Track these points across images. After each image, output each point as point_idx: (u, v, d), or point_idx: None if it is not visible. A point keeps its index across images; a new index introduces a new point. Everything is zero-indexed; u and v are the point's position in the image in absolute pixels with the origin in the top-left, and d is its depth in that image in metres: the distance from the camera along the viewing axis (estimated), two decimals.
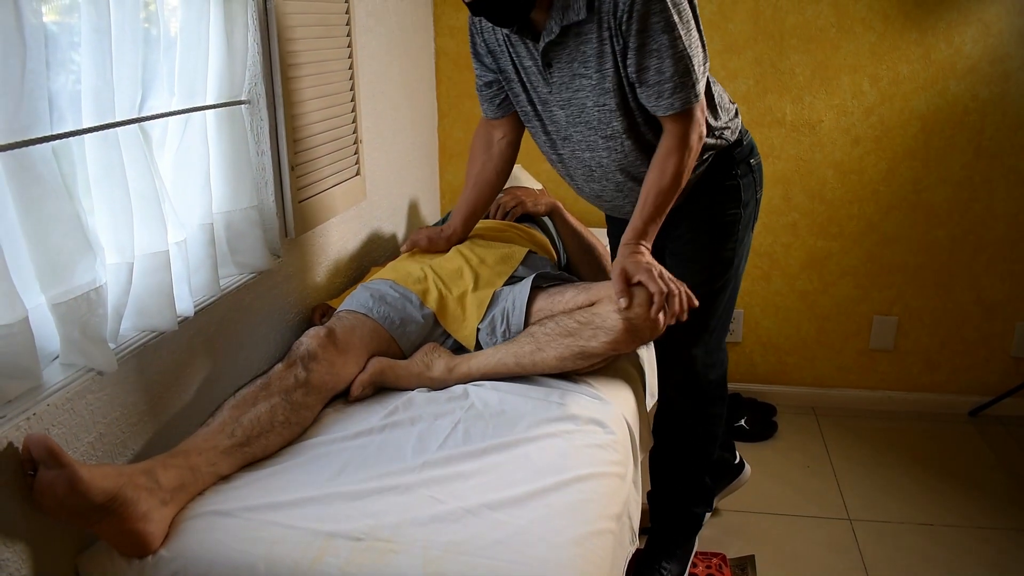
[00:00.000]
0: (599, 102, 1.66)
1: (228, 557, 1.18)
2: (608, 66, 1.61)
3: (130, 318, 1.39)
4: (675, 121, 1.62)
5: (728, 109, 1.81)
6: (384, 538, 1.20)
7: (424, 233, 2.05)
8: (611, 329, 1.57)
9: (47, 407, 1.16)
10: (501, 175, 2.01)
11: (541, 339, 1.65)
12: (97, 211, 1.31)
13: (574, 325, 1.62)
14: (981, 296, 2.85)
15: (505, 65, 1.77)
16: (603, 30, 1.57)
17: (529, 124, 1.86)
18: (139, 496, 1.17)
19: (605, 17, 1.55)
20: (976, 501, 2.43)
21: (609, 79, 1.62)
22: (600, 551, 1.23)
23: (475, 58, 1.84)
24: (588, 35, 1.59)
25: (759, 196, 1.89)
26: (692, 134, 1.63)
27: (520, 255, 1.94)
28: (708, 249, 1.84)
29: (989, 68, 2.61)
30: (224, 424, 1.38)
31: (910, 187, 2.77)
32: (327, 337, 1.59)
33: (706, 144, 1.75)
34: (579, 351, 1.61)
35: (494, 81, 1.85)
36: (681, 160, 1.63)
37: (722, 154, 1.81)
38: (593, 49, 1.60)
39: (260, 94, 1.69)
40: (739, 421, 2.81)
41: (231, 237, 1.67)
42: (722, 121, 1.77)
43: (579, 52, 1.62)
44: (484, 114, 1.95)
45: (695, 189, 1.81)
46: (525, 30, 1.65)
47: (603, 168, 1.77)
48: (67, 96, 1.25)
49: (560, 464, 1.39)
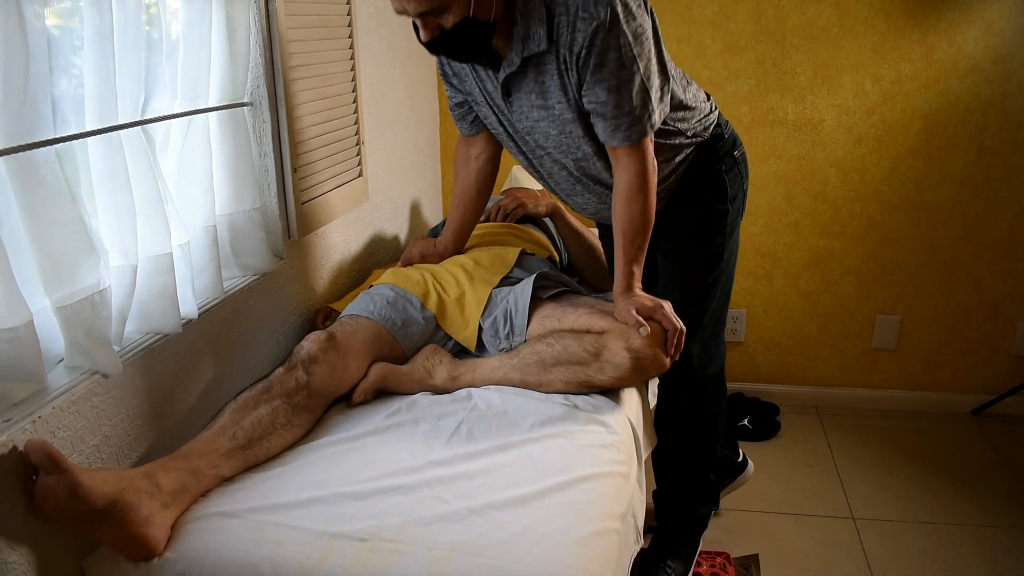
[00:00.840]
0: (564, 130, 1.66)
1: (233, 558, 1.18)
2: (570, 97, 1.59)
3: (134, 321, 1.40)
4: (628, 153, 1.61)
5: (701, 108, 1.79)
6: (388, 538, 1.20)
7: (417, 249, 2.05)
8: (619, 366, 1.58)
9: (52, 410, 1.16)
10: (483, 191, 2.01)
11: (548, 362, 1.64)
12: (101, 214, 1.31)
13: (583, 355, 1.61)
14: (984, 295, 2.84)
15: (471, 88, 1.76)
16: (560, 62, 1.55)
17: (503, 142, 1.85)
18: (140, 500, 1.17)
19: (563, 50, 1.53)
20: (979, 500, 2.43)
21: (571, 110, 1.61)
22: (605, 551, 1.23)
23: (444, 79, 1.83)
24: (547, 65, 1.57)
25: (746, 187, 1.89)
26: (647, 168, 1.62)
27: (514, 255, 1.94)
28: (698, 246, 1.84)
29: (991, 67, 2.61)
30: (225, 427, 1.39)
31: (912, 186, 2.77)
32: (328, 341, 1.59)
33: (680, 146, 1.75)
34: (585, 380, 1.62)
35: (463, 102, 1.84)
36: (645, 199, 1.64)
37: (705, 149, 1.80)
38: (554, 81, 1.58)
39: (262, 96, 1.70)
40: (742, 421, 2.81)
41: (234, 239, 1.67)
42: (693, 122, 1.76)
43: (538, 84, 1.60)
44: (459, 131, 1.95)
45: (681, 187, 1.82)
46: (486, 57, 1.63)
47: (582, 183, 1.78)
48: (70, 99, 1.25)
49: (564, 464, 1.39)
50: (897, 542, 2.25)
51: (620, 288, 1.67)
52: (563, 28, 1.50)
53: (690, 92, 1.77)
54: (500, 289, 1.83)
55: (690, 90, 1.78)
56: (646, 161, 1.62)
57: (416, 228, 2.71)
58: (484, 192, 2.01)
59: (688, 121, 1.75)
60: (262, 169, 1.75)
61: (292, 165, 1.78)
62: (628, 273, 1.67)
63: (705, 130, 1.80)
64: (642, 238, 1.66)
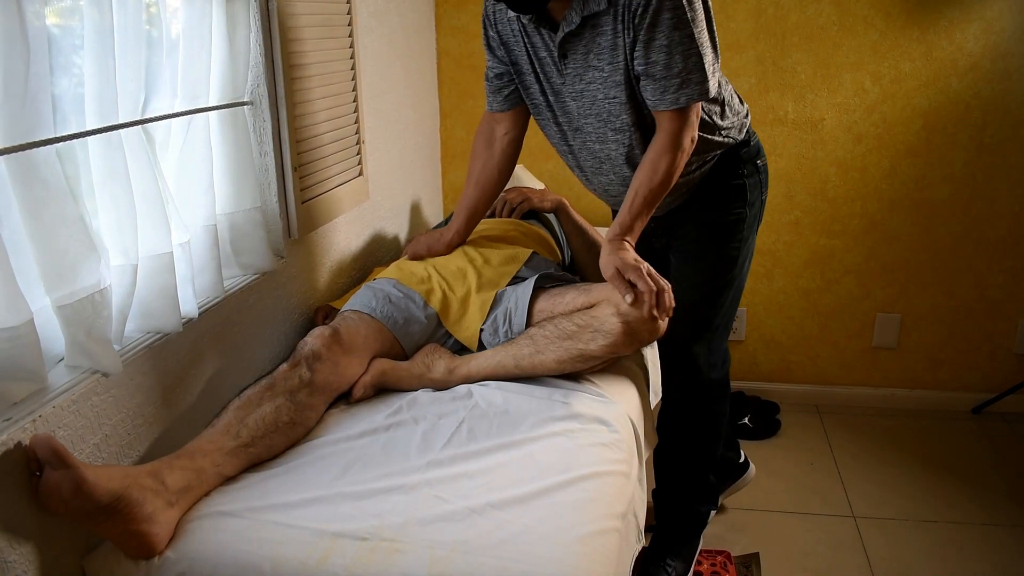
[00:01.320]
0: (609, 95, 1.66)
1: (233, 558, 1.18)
2: (620, 59, 1.61)
3: (135, 320, 1.40)
4: (672, 119, 1.62)
5: (738, 110, 1.81)
6: (389, 538, 1.20)
7: (424, 241, 2.04)
8: (610, 332, 1.58)
9: (53, 409, 1.16)
10: (504, 173, 2.00)
11: (540, 342, 1.65)
12: (101, 213, 1.31)
13: (573, 328, 1.61)
14: (984, 293, 2.84)
15: (518, 56, 1.76)
16: (618, 22, 1.57)
17: (540, 116, 1.85)
18: (145, 497, 1.17)
19: (621, 10, 1.55)
20: (980, 498, 2.43)
21: (620, 72, 1.62)
22: (606, 550, 1.23)
23: (487, 49, 1.83)
24: (604, 27, 1.59)
25: (764, 197, 1.89)
26: (685, 135, 1.63)
27: (524, 256, 1.93)
28: (713, 248, 1.84)
29: (991, 66, 2.60)
30: (229, 425, 1.39)
31: (912, 185, 2.77)
32: (331, 337, 1.59)
33: (710, 142, 1.75)
34: (578, 354, 1.61)
35: (504, 73, 1.84)
36: (673, 161, 1.63)
37: (729, 154, 1.81)
38: (608, 41, 1.60)
39: (263, 95, 1.70)
40: (743, 419, 2.81)
41: (235, 238, 1.67)
42: (729, 120, 1.77)
43: (594, 44, 1.62)
44: (488, 107, 1.94)
45: (701, 188, 1.81)
46: (543, 20, 1.65)
47: (611, 160, 1.78)
48: (70, 99, 1.26)
49: (565, 463, 1.39)
50: (898, 540, 2.25)
51: (612, 234, 1.65)
52: None
53: (729, 89, 1.79)
54: (505, 289, 1.83)
55: (728, 87, 1.79)
56: (685, 130, 1.62)
57: (416, 227, 2.71)
58: (504, 174, 2.00)
59: (727, 117, 1.76)
60: (262, 168, 1.75)
61: (292, 164, 1.78)
62: (627, 224, 1.65)
63: (740, 132, 1.80)
64: (654, 198, 1.65)
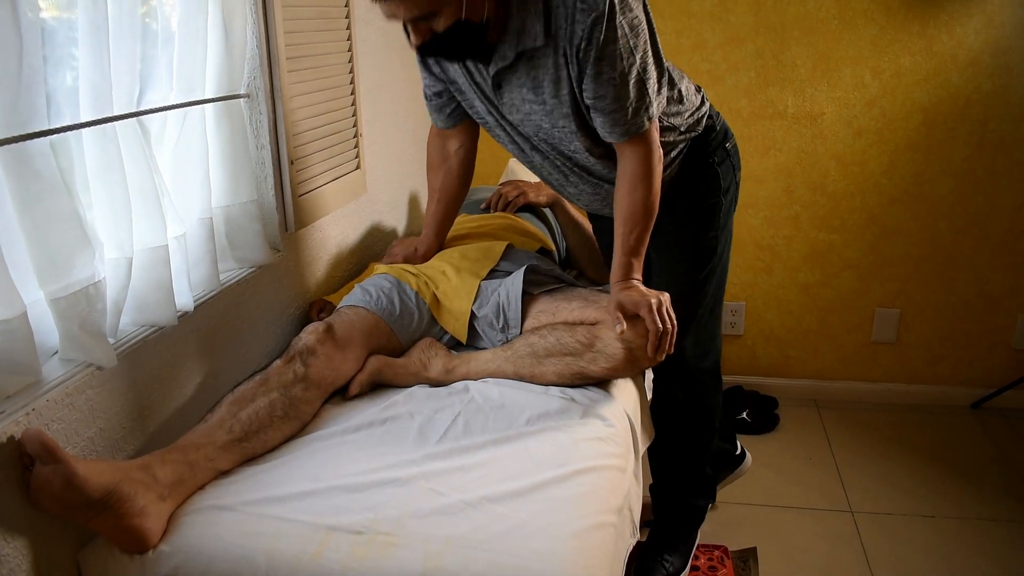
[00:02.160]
0: (556, 124, 1.63)
1: (228, 551, 1.18)
2: (565, 91, 1.57)
3: (129, 313, 1.39)
4: (633, 145, 1.60)
5: (693, 101, 1.77)
6: (384, 531, 1.20)
7: (399, 253, 2.04)
8: (612, 356, 1.58)
9: (46, 402, 1.16)
10: (465, 183, 1.98)
11: (541, 354, 1.63)
12: (96, 206, 1.31)
13: (575, 346, 1.61)
14: (983, 288, 2.84)
15: (456, 77, 1.71)
16: (559, 56, 1.52)
17: (492, 133, 1.81)
18: (136, 491, 1.17)
19: (562, 44, 1.50)
20: (978, 493, 2.43)
21: (566, 105, 1.58)
22: (601, 544, 1.23)
23: (422, 67, 1.77)
24: (543, 59, 1.54)
25: (738, 179, 1.88)
26: (652, 157, 1.61)
27: (500, 248, 1.92)
28: (691, 239, 1.83)
29: (991, 60, 2.60)
30: (222, 420, 1.38)
31: (912, 179, 2.76)
32: (326, 332, 1.59)
33: (676, 139, 1.74)
34: (578, 372, 1.61)
35: (443, 91, 1.79)
36: (649, 188, 1.61)
37: (697, 142, 1.79)
38: (549, 75, 1.55)
39: (259, 88, 1.69)
40: (741, 414, 2.81)
41: (231, 231, 1.67)
42: (686, 116, 1.75)
43: (530, 78, 1.57)
44: (434, 123, 1.91)
45: (674, 180, 1.80)
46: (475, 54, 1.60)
47: (576, 174, 1.76)
48: (65, 91, 1.25)
49: (560, 457, 1.39)
50: (896, 535, 2.25)
51: (616, 278, 1.65)
52: (562, 21, 1.48)
53: (681, 86, 1.75)
54: (490, 282, 1.82)
55: (681, 84, 1.75)
56: (651, 150, 1.60)
57: (414, 220, 2.71)
58: (466, 183, 1.99)
59: (681, 116, 1.74)
60: (259, 161, 1.74)
61: (289, 157, 1.77)
62: (626, 264, 1.64)
63: (698, 123, 1.78)
64: (642, 228, 1.64)
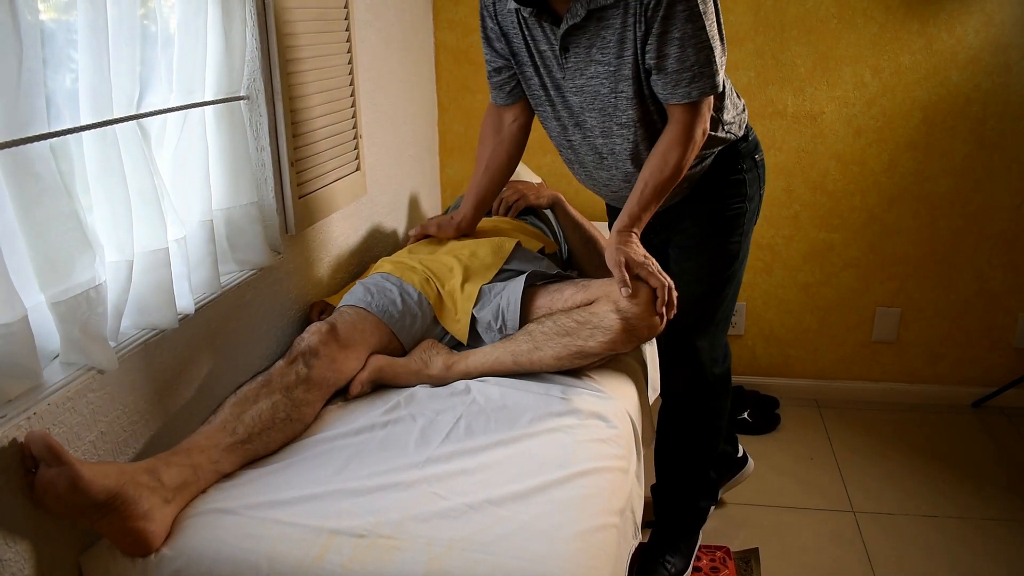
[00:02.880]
0: (615, 89, 1.65)
1: (230, 555, 1.18)
2: (628, 53, 1.60)
3: (130, 316, 1.39)
4: (684, 112, 1.62)
5: (737, 104, 1.81)
6: (387, 535, 1.20)
7: (435, 221, 2.05)
8: (608, 329, 1.57)
9: (48, 406, 1.16)
10: (513, 158, 1.99)
11: (539, 338, 1.64)
12: (96, 209, 1.30)
13: (571, 324, 1.61)
14: (984, 287, 2.84)
15: (518, 49, 1.75)
16: (628, 15, 1.56)
17: (540, 110, 1.84)
18: (141, 494, 1.16)
19: (632, 3, 1.54)
20: (979, 492, 2.43)
21: (628, 66, 1.61)
22: (603, 546, 1.22)
23: (485, 43, 1.81)
24: (611, 20, 1.58)
25: (762, 192, 1.89)
26: (697, 128, 1.63)
27: (510, 246, 1.93)
28: (714, 242, 1.84)
29: (991, 58, 2.59)
30: (226, 422, 1.38)
31: (912, 178, 2.76)
32: (328, 333, 1.59)
33: (714, 138, 1.74)
34: (576, 350, 1.61)
35: (504, 67, 1.82)
36: (684, 153, 1.63)
37: (728, 149, 1.80)
38: (615, 35, 1.59)
39: (259, 89, 1.69)
40: (742, 414, 2.81)
41: (231, 234, 1.67)
42: (730, 115, 1.77)
43: (599, 37, 1.61)
44: (493, 100, 1.93)
45: (701, 184, 1.81)
46: (545, 12, 1.63)
47: (614, 155, 1.76)
48: (65, 94, 1.25)
49: (563, 459, 1.39)
50: (897, 535, 2.24)
51: (620, 225, 1.65)
52: None
53: (729, 85, 1.78)
54: (492, 285, 1.82)
55: (728, 83, 1.78)
56: (697, 123, 1.62)
57: (414, 221, 2.70)
58: (514, 159, 1.99)
59: (730, 112, 1.76)
60: (259, 163, 1.74)
61: (289, 159, 1.77)
62: (635, 215, 1.65)
63: (740, 128, 1.80)
64: (663, 189, 1.65)
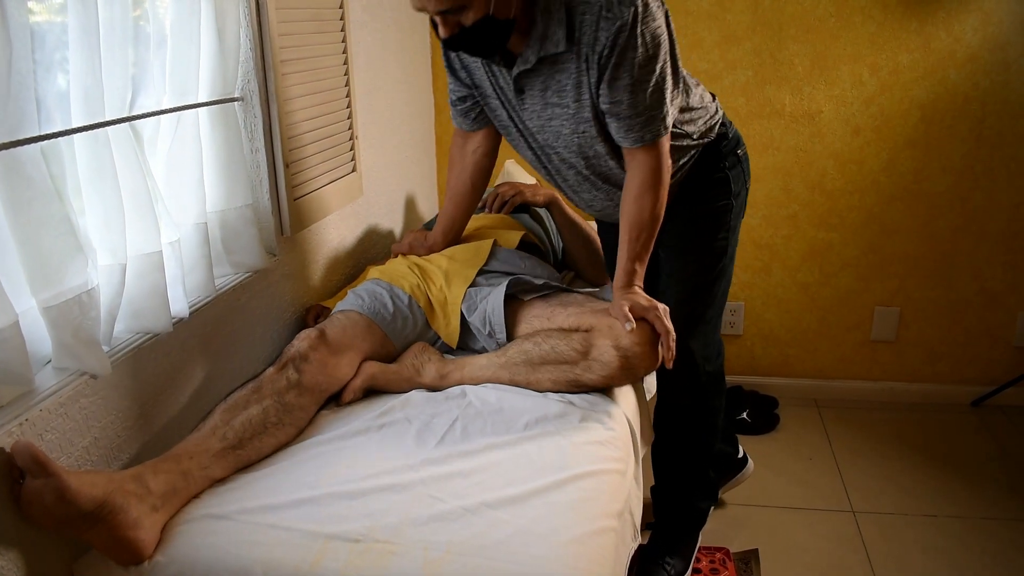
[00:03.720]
0: (577, 129, 1.65)
1: (225, 561, 1.17)
2: (585, 97, 1.59)
3: (124, 320, 1.38)
4: (644, 152, 1.61)
5: (707, 108, 1.79)
6: (383, 539, 1.19)
7: (407, 240, 2.06)
8: (607, 364, 1.57)
9: (40, 412, 1.15)
10: (478, 186, 1.99)
11: (535, 361, 1.63)
12: (88, 212, 1.29)
13: (570, 354, 1.60)
14: (983, 286, 2.83)
15: (481, 81, 1.75)
16: (581, 61, 1.55)
17: (511, 139, 1.83)
18: (129, 503, 1.15)
19: (584, 49, 1.53)
20: (979, 491, 2.42)
21: (587, 109, 1.61)
22: (602, 549, 1.22)
23: (449, 72, 1.81)
24: (565, 65, 1.57)
25: (748, 186, 1.89)
26: (661, 167, 1.62)
27: (486, 248, 1.93)
28: (701, 240, 1.84)
29: (989, 56, 2.59)
30: (215, 427, 1.37)
31: (911, 177, 2.75)
32: (318, 338, 1.58)
33: (685, 148, 1.74)
34: (574, 379, 1.61)
35: (467, 96, 1.82)
36: (656, 197, 1.63)
37: (709, 148, 1.80)
38: (571, 79, 1.58)
39: (253, 91, 1.68)
40: (741, 414, 2.80)
41: (226, 236, 1.66)
42: (700, 124, 1.76)
43: (554, 81, 1.60)
44: (458, 126, 1.93)
45: (685, 184, 1.81)
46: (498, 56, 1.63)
47: (591, 181, 1.77)
48: (56, 96, 1.24)
49: (560, 461, 1.37)
50: (897, 535, 2.24)
51: (620, 283, 1.66)
52: (586, 27, 1.51)
53: (696, 93, 1.77)
54: (479, 288, 1.82)
55: (696, 91, 1.77)
56: (660, 160, 1.62)
57: (411, 223, 2.70)
58: (479, 187, 2.00)
59: (695, 123, 1.75)
60: (254, 165, 1.73)
61: (284, 161, 1.76)
62: (630, 270, 1.65)
63: (711, 131, 1.80)
64: (648, 235, 1.65)
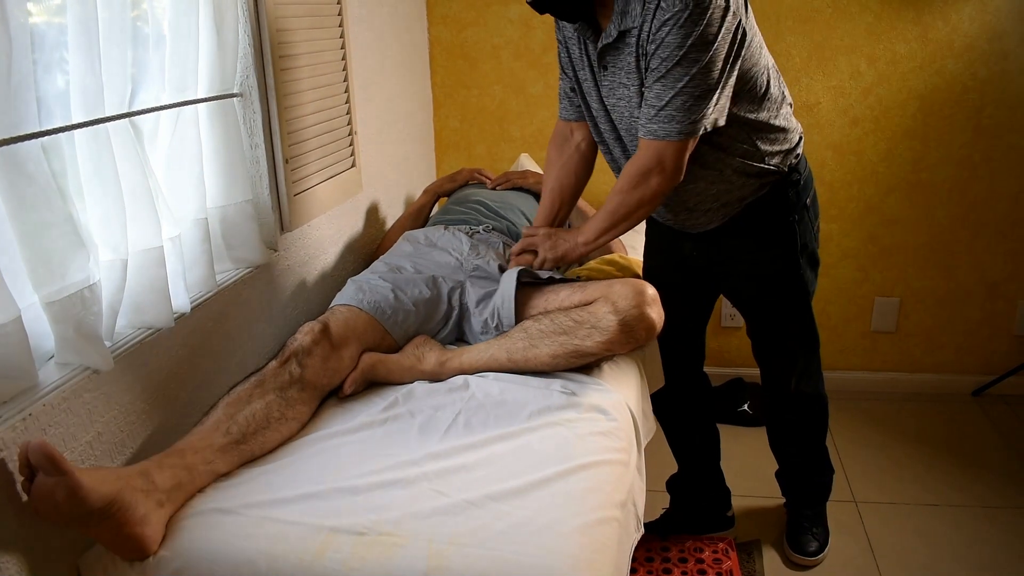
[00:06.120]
0: (633, 113, 1.64)
1: (229, 555, 1.17)
2: (638, 80, 1.59)
3: (126, 315, 1.38)
4: (646, 149, 1.58)
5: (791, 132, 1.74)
6: (387, 532, 1.19)
7: (562, 247, 1.86)
8: (606, 329, 1.57)
9: (43, 407, 1.15)
10: (581, 178, 1.91)
11: (535, 335, 1.63)
12: (89, 208, 1.29)
13: (569, 323, 1.60)
14: (983, 275, 2.83)
15: (577, 60, 1.73)
16: (637, 46, 1.55)
17: (597, 128, 1.79)
18: (136, 499, 1.15)
19: (642, 33, 1.52)
20: (981, 480, 2.42)
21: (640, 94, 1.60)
22: (605, 539, 1.22)
23: (561, 67, 1.81)
24: (632, 46, 1.56)
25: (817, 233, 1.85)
26: (652, 174, 1.59)
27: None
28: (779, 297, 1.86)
29: (987, 46, 2.59)
30: (219, 422, 1.37)
31: (910, 167, 2.75)
32: (320, 332, 1.58)
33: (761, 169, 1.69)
34: (573, 350, 1.60)
35: (576, 88, 1.80)
36: (640, 199, 1.63)
37: (777, 193, 1.74)
38: (633, 59, 1.58)
39: (252, 86, 1.68)
40: (742, 406, 2.80)
41: (226, 232, 1.66)
42: (777, 147, 1.70)
43: (627, 61, 1.59)
44: (566, 120, 1.89)
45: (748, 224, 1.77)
46: (588, 29, 1.63)
47: None
48: (56, 95, 1.24)
49: (563, 453, 1.38)
50: (899, 524, 2.24)
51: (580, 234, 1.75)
52: (648, 10, 1.50)
53: (784, 112, 1.71)
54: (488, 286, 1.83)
55: (784, 109, 1.72)
56: (662, 164, 1.57)
57: None
58: (583, 179, 1.92)
59: (773, 143, 1.69)
60: (253, 161, 1.73)
61: (284, 156, 1.76)
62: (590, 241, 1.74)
63: (783, 163, 1.72)
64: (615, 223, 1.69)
